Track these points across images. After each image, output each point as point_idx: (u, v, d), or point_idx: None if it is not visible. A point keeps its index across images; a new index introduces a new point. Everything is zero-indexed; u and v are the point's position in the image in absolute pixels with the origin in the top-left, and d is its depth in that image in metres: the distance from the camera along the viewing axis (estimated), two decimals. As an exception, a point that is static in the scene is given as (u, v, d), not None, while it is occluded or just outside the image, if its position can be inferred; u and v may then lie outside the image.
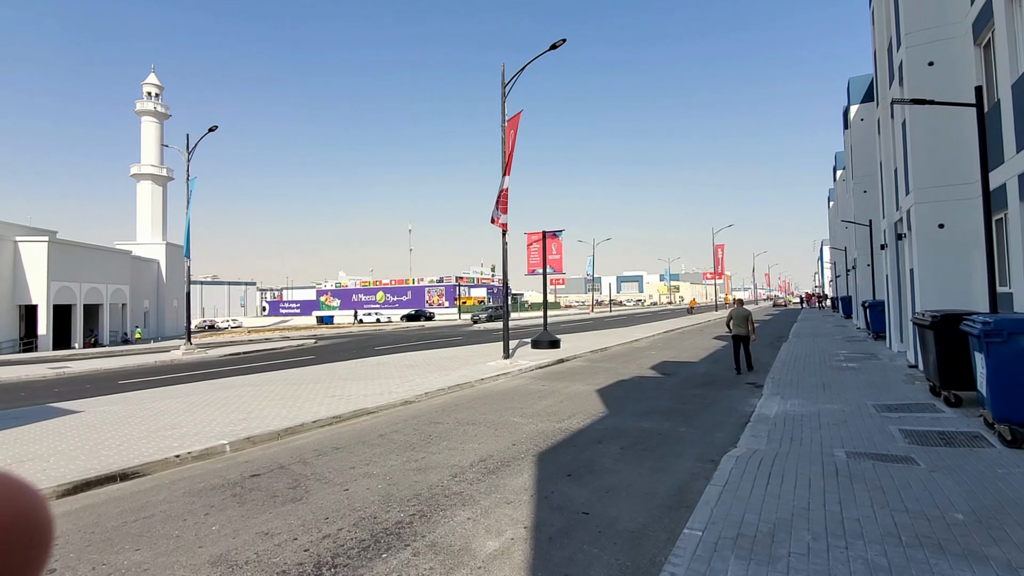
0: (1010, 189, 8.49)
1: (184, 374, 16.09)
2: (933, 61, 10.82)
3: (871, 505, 4.14)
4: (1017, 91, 8.10)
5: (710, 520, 3.90)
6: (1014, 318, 5.70)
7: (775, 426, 7.06)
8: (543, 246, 20.98)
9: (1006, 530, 3.58)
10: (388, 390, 10.89)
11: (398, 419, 8.62)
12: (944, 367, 7.81)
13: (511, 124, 15.04)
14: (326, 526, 4.42)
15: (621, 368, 14.06)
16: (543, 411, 8.90)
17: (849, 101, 28.25)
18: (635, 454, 6.26)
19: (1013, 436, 5.60)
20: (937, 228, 10.94)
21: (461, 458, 6.28)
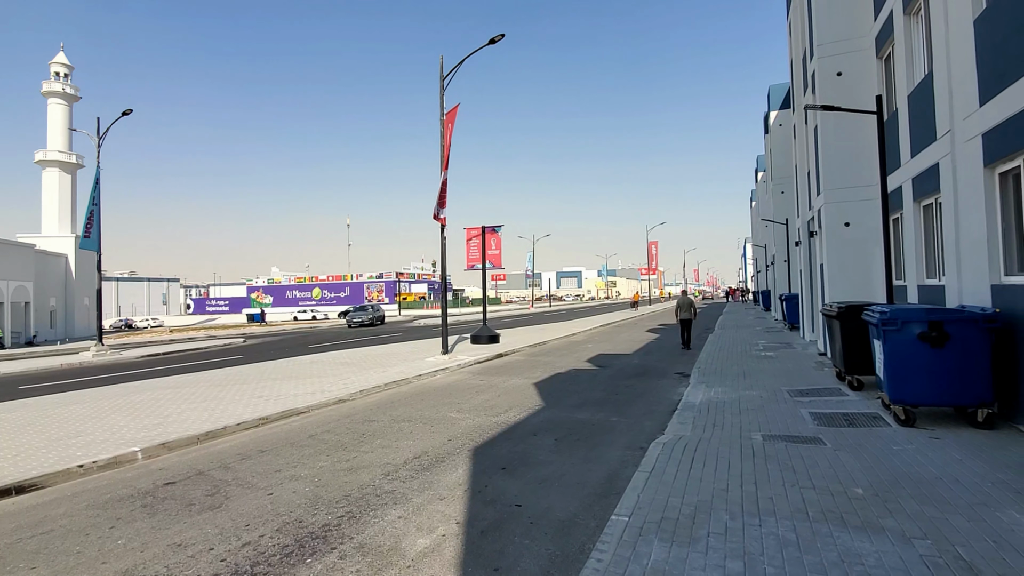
0: (905, 191, 9.32)
1: (94, 377, 14.81)
2: (841, 72, 11.68)
3: (783, 484, 4.42)
4: (913, 101, 8.89)
5: (636, 505, 4.03)
6: (907, 308, 6.26)
7: (700, 413, 7.41)
8: (482, 241, 20.95)
9: (900, 502, 3.92)
10: (321, 389, 10.51)
11: (330, 418, 8.34)
12: (848, 354, 8.49)
13: (449, 118, 14.85)
14: (246, 533, 4.20)
15: (558, 362, 14.29)
16: (480, 406, 8.89)
17: (769, 107, 30.05)
18: (569, 445, 6.37)
19: (906, 415, 6.16)
20: (844, 226, 11.85)
21: (395, 456, 6.16)
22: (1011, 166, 5.97)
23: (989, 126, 6.14)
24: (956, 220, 7.16)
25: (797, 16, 16.45)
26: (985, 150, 6.30)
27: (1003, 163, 6.10)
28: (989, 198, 6.36)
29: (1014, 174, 6.06)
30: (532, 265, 74.19)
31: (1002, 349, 5.96)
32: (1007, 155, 5.91)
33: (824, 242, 12.30)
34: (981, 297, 6.55)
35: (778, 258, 28.63)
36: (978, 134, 6.41)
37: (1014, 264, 6.17)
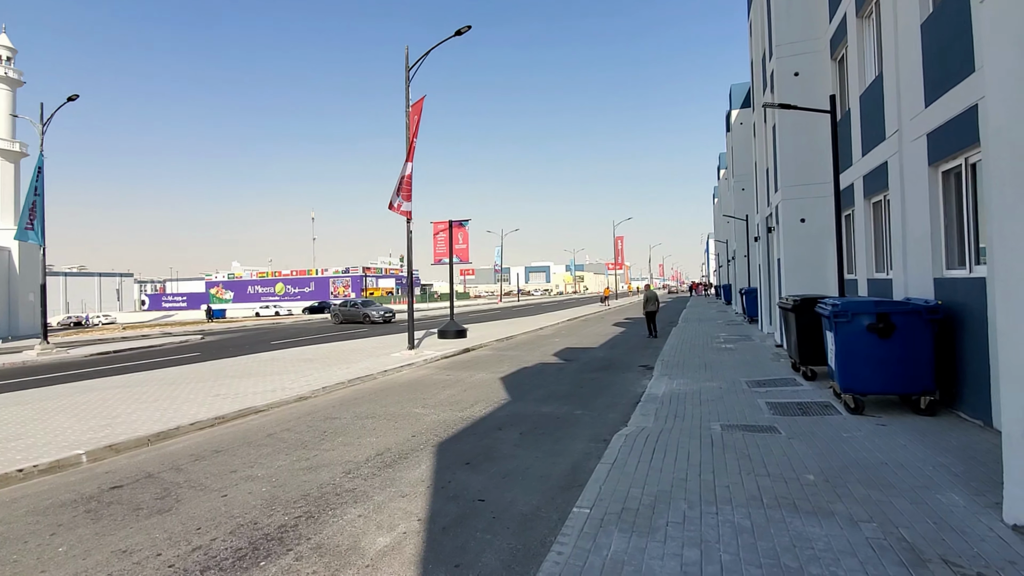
0: (856, 189, 9.68)
1: (39, 377, 14.04)
2: (798, 72, 12.04)
3: (739, 472, 4.53)
4: (864, 102, 9.22)
5: (598, 497, 4.06)
6: (857, 301, 6.51)
7: (662, 404, 7.54)
8: (449, 235, 20.80)
9: (848, 487, 4.07)
10: (281, 386, 10.23)
11: (290, 416, 8.13)
12: (802, 345, 8.78)
13: (415, 109, 14.63)
14: (197, 537, 4.04)
15: (525, 356, 14.32)
16: (446, 401, 8.82)
17: (731, 106, 30.80)
18: (533, 439, 6.39)
19: (856, 404, 6.41)
20: (799, 222, 12.24)
21: (357, 453, 6.04)
22: (953, 165, 6.27)
23: (934, 126, 6.42)
24: (903, 216, 7.48)
25: (757, 17, 16.86)
26: (930, 149, 6.58)
27: (946, 162, 6.39)
28: (933, 195, 6.66)
29: (956, 173, 6.36)
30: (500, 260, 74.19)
31: (943, 339, 6.26)
32: (950, 154, 6.19)
33: (781, 237, 12.69)
34: (925, 290, 6.86)
35: (739, 253, 29.45)
36: (923, 134, 6.70)
37: (955, 258, 6.48)
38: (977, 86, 5.39)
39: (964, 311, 5.95)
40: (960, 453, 4.77)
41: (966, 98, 5.62)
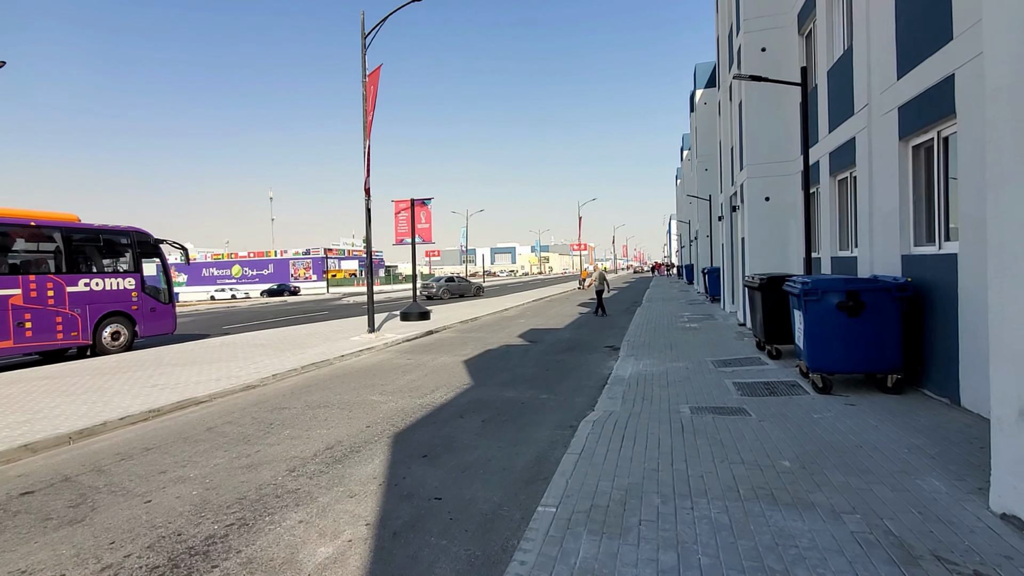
0: (822, 166, 9.58)
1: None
2: (766, 47, 11.83)
3: (712, 459, 4.29)
4: (832, 77, 9.06)
5: (565, 493, 3.73)
6: (827, 278, 6.36)
7: (629, 387, 7.30)
8: (412, 214, 20.04)
9: (826, 474, 3.87)
10: (228, 374, 9.54)
11: (235, 407, 7.52)
12: (768, 324, 8.69)
13: (371, 80, 13.79)
14: (109, 554, 3.51)
15: (490, 337, 13.96)
16: (405, 387, 8.37)
17: (695, 86, 30.76)
18: (496, 426, 6.03)
19: (823, 383, 6.30)
20: (764, 201, 12.18)
21: (304, 448, 5.55)
22: (925, 139, 6.12)
23: (906, 99, 6.24)
24: (870, 193, 7.37)
25: (724, -9, 16.58)
26: (901, 123, 6.43)
27: (917, 136, 6.24)
28: (903, 171, 6.53)
29: (926, 147, 6.22)
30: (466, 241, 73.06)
31: (910, 317, 6.19)
32: (921, 128, 6.04)
33: (746, 216, 12.62)
34: (892, 267, 6.78)
35: (701, 233, 29.73)
36: (894, 107, 6.53)
37: (923, 235, 6.39)
38: (955, 55, 5.20)
39: (932, 288, 5.86)
40: (932, 433, 4.66)
41: (942, 68, 5.43)
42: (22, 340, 11.18)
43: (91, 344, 12.49)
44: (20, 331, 11.14)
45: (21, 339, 11.16)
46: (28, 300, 11.29)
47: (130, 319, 13.31)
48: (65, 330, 11.95)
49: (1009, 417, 2.98)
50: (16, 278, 11.18)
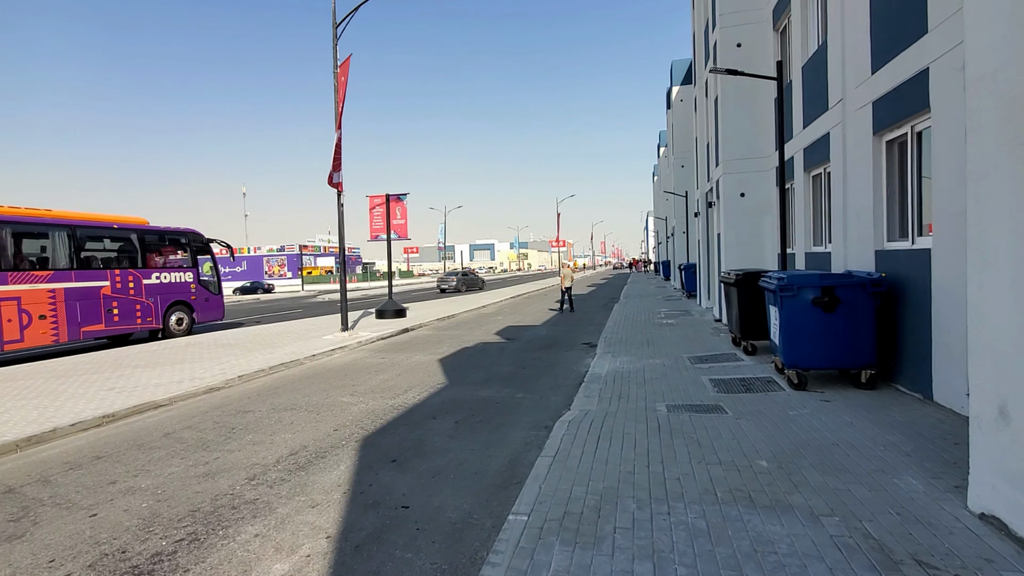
0: (796, 162, 9.60)
1: None
2: (741, 43, 11.83)
3: (689, 460, 4.18)
4: (807, 72, 9.07)
5: (537, 500, 3.57)
6: (803, 274, 6.33)
7: (606, 385, 7.19)
8: (387, 210, 19.66)
9: (803, 474, 3.78)
10: (192, 376, 9.15)
11: (196, 411, 7.18)
12: (744, 320, 8.68)
13: (342, 70, 13.41)
14: (47, 573, 3.23)
15: (466, 335, 13.75)
16: (377, 387, 8.12)
17: (672, 83, 30.88)
18: (470, 428, 5.84)
19: (799, 379, 6.28)
20: (739, 197, 12.21)
21: (267, 454, 5.28)
22: (899, 134, 6.11)
23: (880, 94, 6.23)
24: (844, 188, 7.38)
25: (699, -13, 16.58)
26: (875, 118, 6.42)
27: (891, 131, 6.24)
28: (876, 166, 6.53)
29: (900, 142, 6.22)
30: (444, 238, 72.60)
31: (884, 313, 6.19)
32: (895, 122, 6.03)
33: (721, 212, 12.64)
34: (865, 263, 6.79)
35: (677, 230, 29.93)
36: (869, 102, 6.52)
37: (896, 230, 6.40)
38: (929, 48, 5.17)
39: (906, 284, 5.86)
40: (906, 430, 4.63)
41: (917, 61, 5.40)
42: (111, 324, 13.28)
43: (161, 328, 14.59)
44: (109, 316, 13.25)
45: (110, 323, 13.27)
46: (115, 291, 13.40)
47: (190, 307, 15.43)
48: (143, 316, 14.12)
49: (988, 415, 2.92)
50: (105, 272, 13.25)
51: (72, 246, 12.67)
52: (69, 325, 12.44)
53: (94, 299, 12.91)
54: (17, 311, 11.39)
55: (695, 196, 20.44)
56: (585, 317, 17.23)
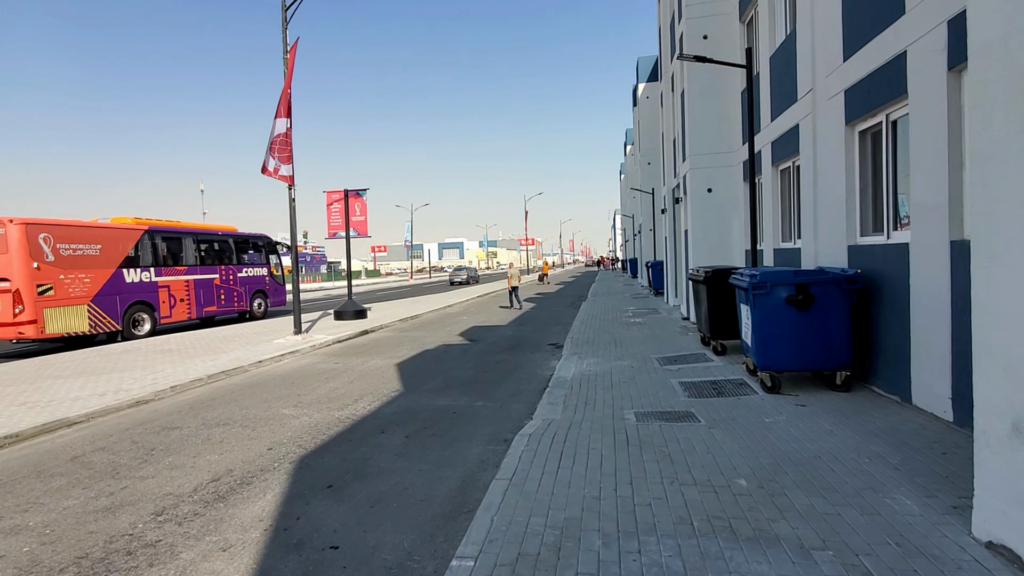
0: (764, 156, 9.36)
1: None
2: (707, 35, 11.58)
3: (661, 480, 3.73)
4: (774, 63, 8.81)
5: (488, 537, 3.05)
6: (776, 271, 6.00)
7: (571, 389, 6.75)
8: (345, 206, 18.80)
9: (787, 495, 3.38)
10: (119, 387, 8.27)
11: (115, 429, 6.39)
12: (713, 319, 8.37)
13: (291, 55, 12.58)
14: None
15: (428, 337, 13.14)
16: (326, 396, 7.46)
17: (638, 79, 30.84)
18: (421, 443, 5.29)
19: (773, 382, 5.95)
20: (707, 192, 11.98)
21: (184, 481, 4.60)
22: (873, 123, 5.84)
23: (853, 81, 5.95)
24: (815, 181, 7.11)
25: (665, -20, 16.35)
26: (847, 107, 6.14)
27: (864, 120, 5.96)
28: (849, 157, 6.26)
29: (874, 132, 5.96)
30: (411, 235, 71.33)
31: (859, 311, 5.92)
32: (869, 111, 5.75)
33: (689, 208, 12.39)
34: (838, 258, 6.53)
35: (644, 227, 29.90)
36: (841, 91, 6.24)
37: (869, 224, 6.14)
38: (907, 30, 4.87)
39: (882, 280, 5.59)
40: (889, 438, 4.31)
41: (893, 45, 5.11)
42: (220, 306, 17.56)
43: (248, 310, 18.72)
44: (219, 300, 17.47)
45: (220, 305, 17.54)
46: (222, 282, 17.59)
47: (265, 295, 19.69)
48: (238, 301, 18.23)
49: (998, 431, 2.55)
50: (216, 267, 17.40)
51: (196, 249, 16.75)
52: (196, 306, 16.62)
53: (210, 288, 17.09)
54: (168, 295, 15.59)
55: (662, 192, 20.28)
56: (552, 316, 16.82)
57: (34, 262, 12.16)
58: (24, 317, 11.91)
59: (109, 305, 13.81)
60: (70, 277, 12.89)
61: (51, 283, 12.45)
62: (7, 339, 12.28)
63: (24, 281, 11.93)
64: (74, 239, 13.17)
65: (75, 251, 13.11)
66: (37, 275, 12.19)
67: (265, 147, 11.96)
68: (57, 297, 12.57)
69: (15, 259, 11.91)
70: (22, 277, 11.93)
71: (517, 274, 20.24)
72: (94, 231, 13.81)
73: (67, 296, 12.79)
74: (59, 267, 12.70)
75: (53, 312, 12.47)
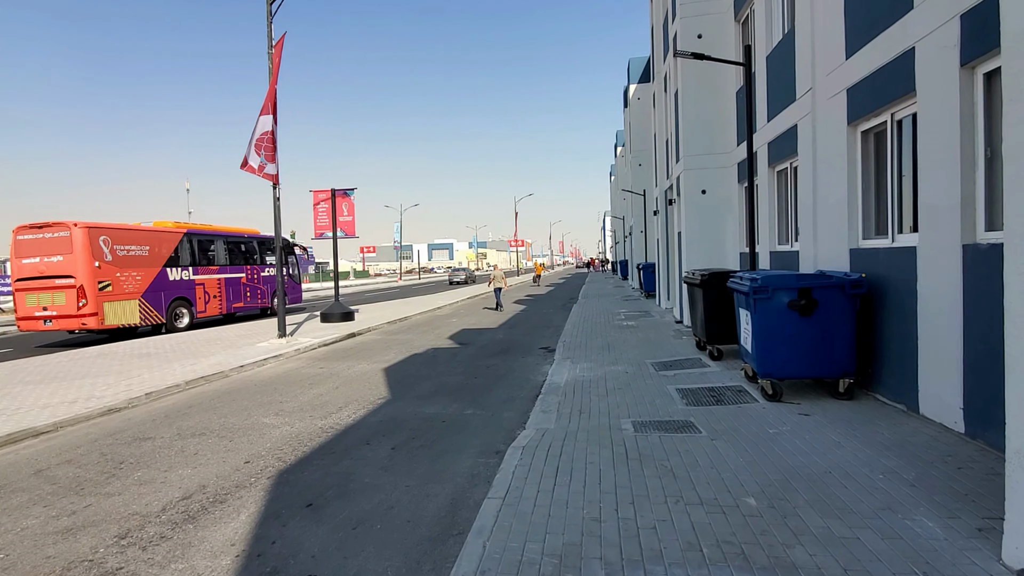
0: (760, 157, 9.20)
1: None
2: (702, 34, 11.41)
3: (665, 499, 3.50)
4: (771, 62, 8.66)
5: (480, 566, 2.80)
6: (778, 274, 5.80)
7: (565, 396, 6.51)
8: (332, 206, 18.42)
9: (800, 516, 3.16)
10: (91, 394, 7.89)
11: (84, 439, 6.04)
12: (710, 323, 8.18)
13: (276, 50, 12.23)
14: None
15: (417, 340, 12.84)
16: (309, 404, 7.15)
17: (629, 81, 30.74)
18: (408, 455, 5.01)
19: (774, 390, 5.75)
20: (701, 194, 11.81)
21: (153, 498, 4.29)
22: (876, 122, 5.67)
23: (856, 79, 5.77)
24: (814, 183, 6.94)
25: (658, -20, 16.21)
26: (850, 107, 5.97)
27: (867, 120, 5.79)
28: (851, 158, 6.09)
29: (877, 132, 5.79)
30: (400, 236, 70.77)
31: (862, 316, 5.74)
32: (873, 111, 5.57)
33: (683, 209, 12.22)
34: (839, 262, 6.36)
35: (635, 229, 29.78)
36: (843, 89, 6.07)
37: (872, 227, 5.97)
38: (916, 25, 4.70)
39: (886, 285, 5.41)
40: (900, 451, 4.12)
41: (900, 42, 4.93)
42: (247, 302, 19.09)
43: (269, 307, 20.24)
44: (245, 296, 19.04)
45: (246, 301, 19.07)
46: (248, 280, 19.19)
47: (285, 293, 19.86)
48: (261, 297, 19.88)
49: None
50: (243, 267, 19.04)
51: (226, 250, 18.36)
52: (227, 302, 18.16)
53: (238, 285, 18.66)
54: (203, 292, 17.05)
55: (654, 194, 20.15)
56: (543, 319, 16.59)
57: (95, 261, 13.69)
58: (87, 310, 13.44)
59: (155, 300, 15.36)
60: (124, 275, 14.45)
61: (109, 280, 13.99)
62: (69, 329, 13.81)
63: (87, 278, 13.44)
64: (127, 241, 14.74)
65: (128, 252, 14.68)
66: (98, 273, 13.72)
67: (248, 142, 11.58)
68: (114, 293, 14.09)
69: (79, 259, 13.42)
70: (85, 275, 13.44)
71: (501, 276, 20.37)
72: (143, 233, 15.46)
73: (122, 292, 14.34)
74: (116, 266, 14.24)
75: (111, 306, 14.01)
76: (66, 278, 13.40)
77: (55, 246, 13.52)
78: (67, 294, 13.38)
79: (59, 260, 13.47)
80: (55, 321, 13.56)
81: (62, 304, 13.42)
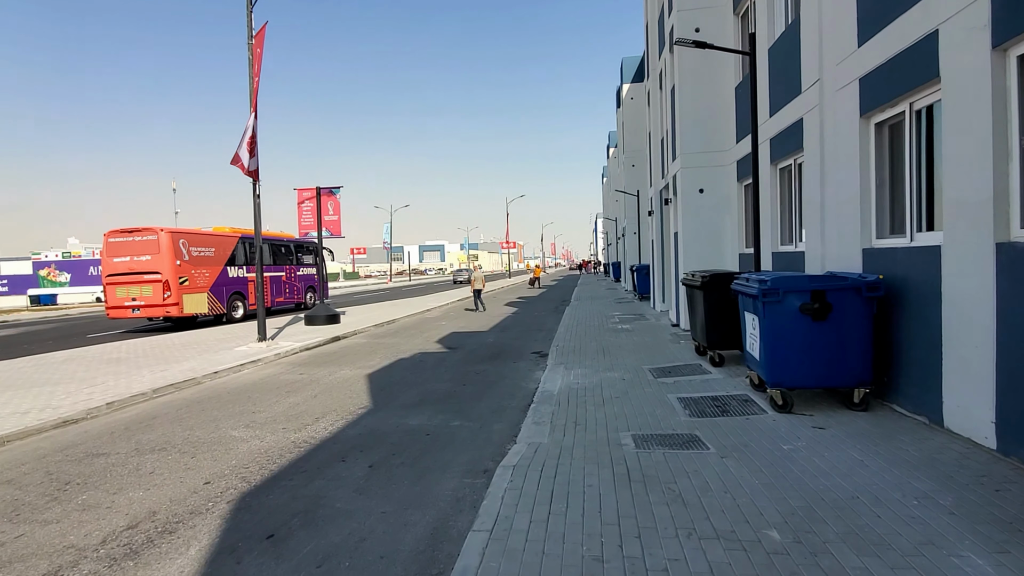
0: (762, 154, 8.82)
1: None
2: (699, 28, 11.05)
3: (676, 533, 3.06)
4: (773, 55, 8.30)
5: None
6: (788, 276, 5.40)
7: (559, 406, 6.07)
8: (317, 204, 17.87)
9: (833, 553, 2.74)
10: (47, 404, 7.33)
11: (31, 455, 5.50)
12: (711, 327, 7.78)
13: (257, 41, 11.71)
14: None
15: (404, 344, 12.35)
16: (284, 414, 6.66)
17: (622, 80, 30.44)
18: (386, 475, 4.54)
19: (784, 400, 5.35)
20: (698, 193, 11.44)
21: (95, 527, 3.79)
22: (893, 113, 5.29)
23: (869, 68, 5.40)
24: (822, 180, 6.57)
25: (652, -24, 15.87)
26: (862, 97, 5.59)
27: (882, 111, 5.41)
28: (864, 152, 5.71)
29: (893, 124, 5.41)
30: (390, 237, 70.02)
31: (878, 321, 5.35)
32: (889, 101, 5.20)
33: (680, 209, 11.85)
34: (850, 263, 5.98)
35: (628, 230, 29.44)
36: (855, 79, 5.69)
37: (887, 225, 5.60)
38: (937, 7, 4.32)
39: (904, 287, 5.04)
40: (930, 471, 3.72)
41: (921, 25, 4.56)
42: (286, 297, 21.14)
43: (303, 302, 22.34)
44: (284, 293, 21.03)
45: (285, 296, 21.10)
46: (287, 278, 21.20)
47: (315, 290, 22.86)
48: (297, 294, 21.97)
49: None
50: (283, 267, 21.01)
51: (271, 251, 20.34)
52: (272, 296, 19.97)
53: (279, 283, 20.67)
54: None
55: (648, 194, 19.80)
56: (535, 321, 16.15)
57: (177, 260, 16.27)
58: (171, 300, 16.06)
59: (219, 293, 17.83)
60: (197, 272, 16.97)
61: (187, 276, 16.55)
62: (155, 316, 16.50)
63: (171, 274, 16.06)
64: (198, 243, 17.27)
65: (200, 252, 17.22)
66: (179, 270, 16.28)
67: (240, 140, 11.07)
68: (190, 287, 16.66)
69: (165, 258, 16.06)
70: (169, 271, 16.04)
71: (481, 277, 21.03)
72: (210, 237, 17.94)
73: (196, 286, 16.88)
74: (191, 264, 16.79)
75: (188, 297, 16.56)
76: (153, 274, 16.00)
77: (144, 247, 16.12)
78: (154, 287, 16.02)
79: (147, 259, 16.08)
80: (143, 310, 16.20)
81: (149, 296, 16.07)
